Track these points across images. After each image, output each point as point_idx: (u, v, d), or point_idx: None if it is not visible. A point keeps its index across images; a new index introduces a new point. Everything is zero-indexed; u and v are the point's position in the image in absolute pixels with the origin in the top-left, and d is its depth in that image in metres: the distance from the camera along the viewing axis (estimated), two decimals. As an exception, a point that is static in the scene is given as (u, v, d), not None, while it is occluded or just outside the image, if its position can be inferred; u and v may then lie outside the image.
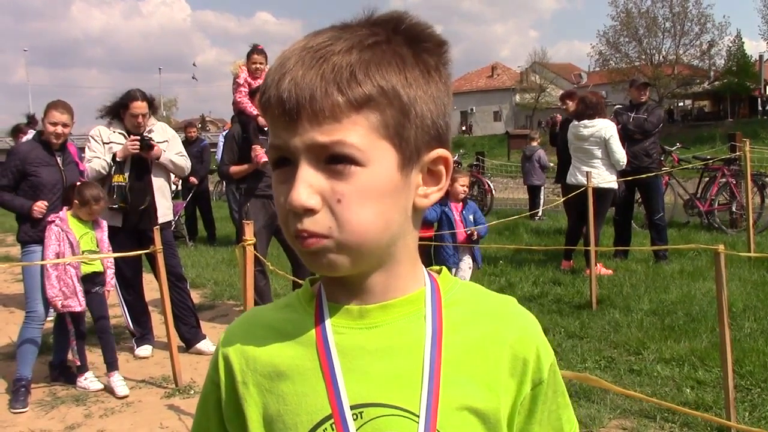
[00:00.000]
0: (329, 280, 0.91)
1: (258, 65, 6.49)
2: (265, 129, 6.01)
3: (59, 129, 5.10)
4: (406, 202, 0.87)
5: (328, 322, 0.90)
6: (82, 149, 5.76)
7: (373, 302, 0.89)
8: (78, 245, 4.84)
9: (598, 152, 7.66)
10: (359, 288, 0.89)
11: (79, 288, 4.84)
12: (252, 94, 6.26)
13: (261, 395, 0.91)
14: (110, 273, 5.17)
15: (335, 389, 0.86)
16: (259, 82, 6.32)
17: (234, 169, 6.18)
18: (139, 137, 5.42)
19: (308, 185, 0.80)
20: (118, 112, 5.57)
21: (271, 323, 0.95)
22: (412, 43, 0.85)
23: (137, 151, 5.41)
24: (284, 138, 0.82)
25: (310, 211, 0.81)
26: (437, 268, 0.98)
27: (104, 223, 5.15)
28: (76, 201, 4.90)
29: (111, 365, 5.01)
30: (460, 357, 0.88)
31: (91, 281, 4.99)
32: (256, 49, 6.57)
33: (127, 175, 5.46)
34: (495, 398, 0.89)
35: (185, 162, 5.84)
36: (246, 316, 1.02)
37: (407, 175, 0.85)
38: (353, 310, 0.89)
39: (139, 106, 5.50)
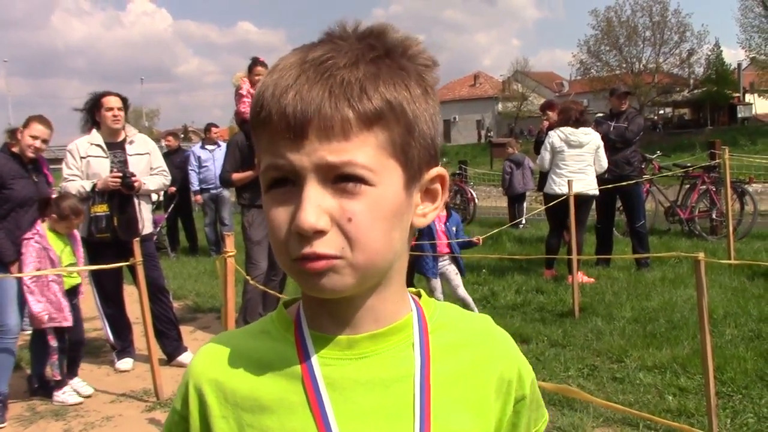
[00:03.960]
0: (315, 306, 0.87)
1: (261, 77, 6.51)
2: None
3: (38, 143, 5.06)
4: (407, 222, 0.85)
5: (313, 353, 0.86)
6: (61, 160, 5.72)
7: (362, 330, 0.86)
8: (59, 262, 4.79)
9: (591, 159, 7.75)
10: (350, 314, 0.86)
11: (65, 303, 4.80)
12: None
13: (240, 430, 0.87)
14: (84, 281, 5.18)
15: (326, 425, 0.83)
16: None
17: (236, 176, 6.24)
18: (120, 174, 5.37)
19: (317, 206, 0.77)
20: (93, 115, 5.55)
21: (248, 352, 0.90)
22: (409, 59, 0.83)
23: (117, 187, 5.38)
24: (287, 157, 0.78)
25: (319, 233, 0.77)
26: (414, 290, 0.96)
27: (77, 235, 5.10)
28: (54, 215, 4.84)
29: (73, 373, 5.06)
30: (449, 385, 0.88)
31: (71, 294, 4.95)
32: (258, 61, 6.62)
33: (108, 205, 5.40)
34: (485, 423, 0.89)
35: (164, 181, 5.85)
36: (217, 344, 0.94)
37: (411, 194, 0.84)
38: (341, 341, 0.86)
39: (112, 100, 5.52)
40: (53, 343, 4.83)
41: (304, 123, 0.76)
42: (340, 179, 0.78)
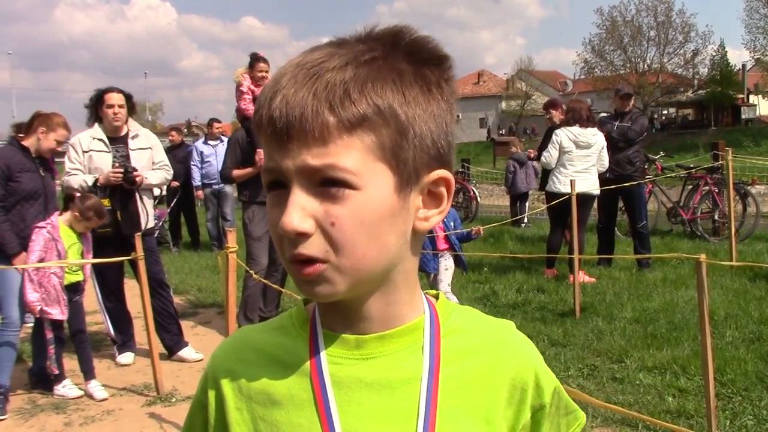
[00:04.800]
0: (326, 306, 0.88)
1: (264, 73, 6.59)
2: None
3: (59, 147, 5.14)
4: (405, 226, 0.83)
5: (323, 352, 0.87)
6: (63, 154, 5.72)
7: (371, 331, 0.86)
8: (66, 256, 4.79)
9: (596, 159, 7.81)
10: (357, 316, 0.86)
11: (63, 297, 4.79)
12: (256, 100, 6.33)
13: (254, 422, 0.88)
14: (87, 281, 5.16)
15: (329, 422, 0.84)
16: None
17: (237, 172, 6.26)
18: (122, 169, 5.38)
19: (300, 209, 0.77)
20: (97, 110, 5.56)
21: (264, 348, 0.92)
22: (412, 59, 0.81)
23: (119, 182, 5.38)
24: (276, 160, 0.79)
25: (303, 236, 0.78)
26: (433, 292, 0.96)
27: (90, 237, 5.10)
28: (76, 213, 4.84)
29: (88, 374, 5.00)
30: (458, 390, 0.87)
31: (72, 290, 4.94)
32: (260, 57, 6.65)
33: (110, 200, 5.41)
34: (493, 431, 0.88)
35: (166, 176, 5.87)
36: (236, 338, 0.99)
37: (405, 197, 0.82)
38: (350, 340, 0.87)
39: (114, 97, 5.53)
40: (49, 335, 4.84)
41: (288, 127, 0.77)
42: (325, 183, 0.78)
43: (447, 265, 6.15)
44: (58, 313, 4.79)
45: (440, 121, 0.83)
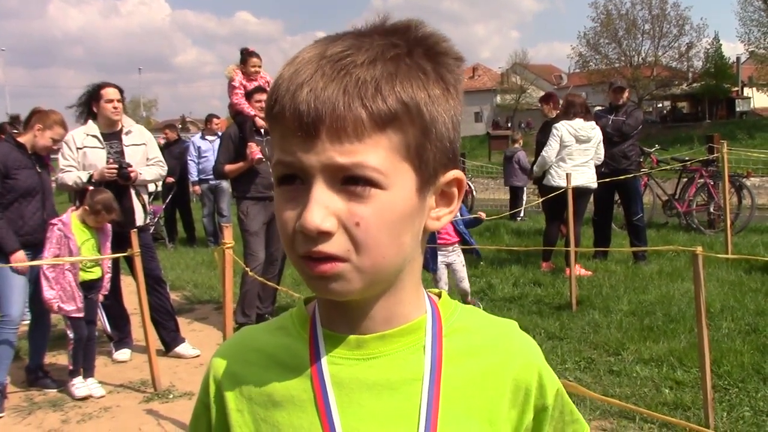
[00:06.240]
0: (328, 305, 0.87)
1: (257, 68, 6.69)
2: (261, 130, 6.20)
3: (56, 146, 5.14)
4: (420, 226, 0.83)
5: (323, 352, 0.86)
6: (57, 151, 5.69)
7: (372, 331, 0.85)
8: (78, 253, 4.77)
9: (593, 153, 7.81)
10: (360, 315, 0.85)
11: (78, 293, 4.78)
12: (248, 95, 6.36)
13: (255, 423, 0.88)
14: (107, 278, 5.13)
15: (330, 424, 0.83)
16: (255, 84, 6.49)
17: (229, 167, 6.27)
18: (117, 165, 5.36)
19: (324, 206, 0.75)
20: (89, 106, 5.53)
21: (265, 348, 0.91)
22: (431, 58, 0.80)
23: (114, 178, 5.36)
24: (297, 155, 0.76)
25: (325, 234, 0.76)
26: (436, 291, 0.95)
27: (109, 229, 5.08)
28: (86, 207, 4.82)
29: (88, 371, 4.98)
30: (460, 391, 0.86)
31: (88, 288, 4.93)
32: (252, 53, 6.70)
33: None
34: None
35: (161, 171, 5.86)
36: (237, 338, 0.98)
37: (424, 197, 0.82)
38: (351, 340, 0.86)
39: (112, 92, 5.50)
40: (69, 333, 4.83)
41: (316, 122, 0.74)
42: (350, 181, 0.76)
43: (463, 262, 6.14)
44: (74, 309, 4.78)
45: (456, 121, 0.83)
